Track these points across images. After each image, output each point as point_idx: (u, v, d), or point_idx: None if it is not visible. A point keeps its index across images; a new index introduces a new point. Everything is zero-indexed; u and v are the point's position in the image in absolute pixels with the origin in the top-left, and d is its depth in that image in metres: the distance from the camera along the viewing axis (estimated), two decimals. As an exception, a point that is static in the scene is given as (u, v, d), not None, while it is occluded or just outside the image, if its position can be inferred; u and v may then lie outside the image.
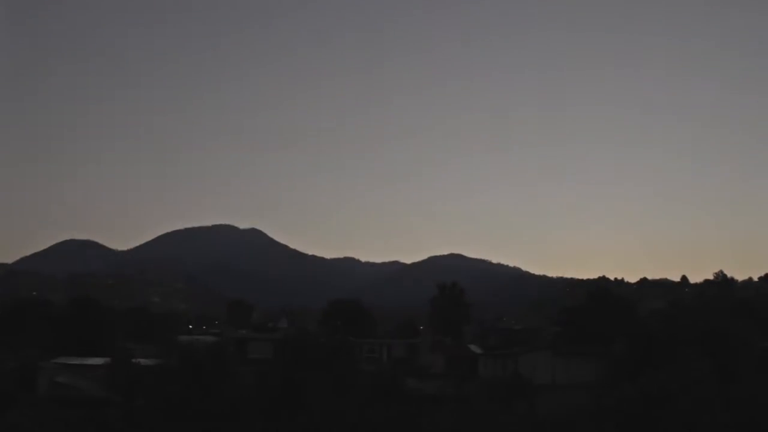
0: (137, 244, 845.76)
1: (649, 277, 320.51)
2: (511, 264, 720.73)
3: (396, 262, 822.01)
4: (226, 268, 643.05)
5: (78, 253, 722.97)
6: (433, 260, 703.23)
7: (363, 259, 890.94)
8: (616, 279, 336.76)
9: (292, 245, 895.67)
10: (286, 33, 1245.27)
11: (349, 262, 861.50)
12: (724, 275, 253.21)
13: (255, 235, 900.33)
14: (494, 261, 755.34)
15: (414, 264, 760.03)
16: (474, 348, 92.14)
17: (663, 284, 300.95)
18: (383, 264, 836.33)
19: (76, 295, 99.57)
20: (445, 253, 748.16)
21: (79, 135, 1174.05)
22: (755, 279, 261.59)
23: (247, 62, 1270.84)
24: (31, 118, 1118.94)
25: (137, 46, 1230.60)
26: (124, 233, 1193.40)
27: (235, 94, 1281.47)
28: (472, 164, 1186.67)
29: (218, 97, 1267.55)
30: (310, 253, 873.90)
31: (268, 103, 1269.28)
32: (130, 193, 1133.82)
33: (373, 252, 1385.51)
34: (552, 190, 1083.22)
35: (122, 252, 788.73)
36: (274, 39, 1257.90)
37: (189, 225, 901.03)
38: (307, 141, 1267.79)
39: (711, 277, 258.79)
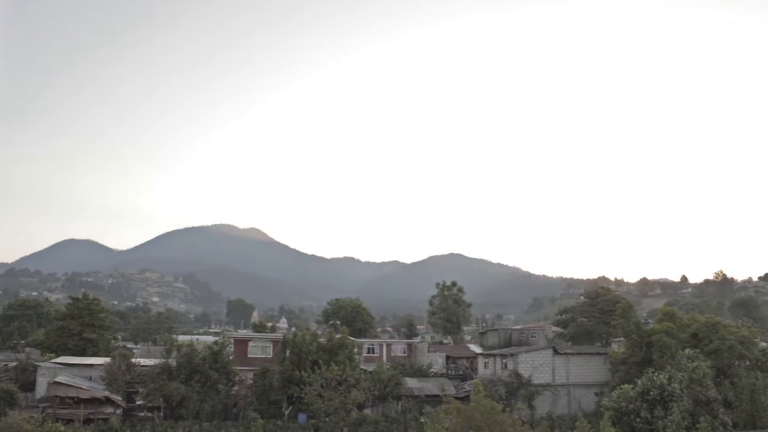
0: (137, 244, 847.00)
1: (649, 277, 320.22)
2: (511, 264, 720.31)
3: (396, 262, 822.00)
4: (226, 268, 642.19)
5: (78, 253, 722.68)
6: (433, 260, 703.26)
7: (363, 259, 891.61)
8: (616, 279, 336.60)
9: (292, 245, 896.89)
10: (285, 34, 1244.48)
11: (349, 262, 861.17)
12: (724, 275, 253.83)
13: (255, 235, 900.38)
14: (494, 261, 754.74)
15: (414, 264, 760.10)
16: (474, 348, 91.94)
17: (663, 284, 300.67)
18: (383, 264, 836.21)
19: (76, 295, 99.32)
20: (445, 253, 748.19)
21: (80, 135, 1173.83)
22: (755, 279, 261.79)
23: (247, 63, 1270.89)
24: (30, 118, 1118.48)
25: (136, 46, 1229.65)
26: (124, 233, 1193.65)
27: (235, 95, 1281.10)
28: (472, 165, 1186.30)
29: (218, 98, 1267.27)
30: (310, 253, 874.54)
31: (268, 104, 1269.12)
32: (130, 193, 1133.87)
33: (373, 252, 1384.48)
34: (552, 191, 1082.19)
35: (122, 252, 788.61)
36: (273, 40, 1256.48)
37: (189, 225, 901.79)
38: (307, 142, 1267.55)
39: (711, 277, 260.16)
